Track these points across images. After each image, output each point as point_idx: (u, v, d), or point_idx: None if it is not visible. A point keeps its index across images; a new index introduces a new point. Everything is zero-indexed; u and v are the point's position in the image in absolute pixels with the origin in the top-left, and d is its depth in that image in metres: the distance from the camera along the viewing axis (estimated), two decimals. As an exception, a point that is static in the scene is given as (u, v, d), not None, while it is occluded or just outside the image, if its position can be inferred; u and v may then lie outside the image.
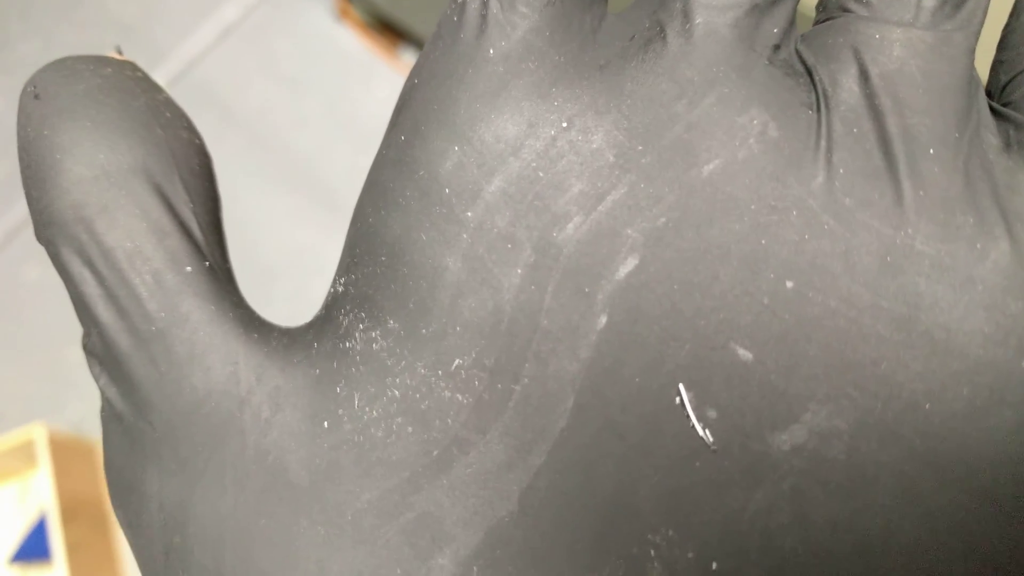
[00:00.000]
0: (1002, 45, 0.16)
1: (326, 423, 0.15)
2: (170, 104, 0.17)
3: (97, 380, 0.16)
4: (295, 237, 1.13)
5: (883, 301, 0.13)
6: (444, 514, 0.14)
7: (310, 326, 0.16)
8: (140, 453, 0.15)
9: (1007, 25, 0.16)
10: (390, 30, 1.22)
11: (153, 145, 0.16)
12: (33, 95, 0.16)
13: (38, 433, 0.99)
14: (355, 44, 1.23)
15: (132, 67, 0.17)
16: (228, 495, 0.14)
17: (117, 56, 0.17)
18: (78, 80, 0.16)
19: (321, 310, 0.16)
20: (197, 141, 0.17)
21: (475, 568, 0.14)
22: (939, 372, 0.13)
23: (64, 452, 1.01)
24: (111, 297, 0.15)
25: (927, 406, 0.13)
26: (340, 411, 0.15)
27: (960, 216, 0.14)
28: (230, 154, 1.18)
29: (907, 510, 0.13)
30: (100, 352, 0.15)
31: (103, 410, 0.16)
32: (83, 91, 0.16)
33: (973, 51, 0.15)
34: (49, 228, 0.15)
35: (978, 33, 0.15)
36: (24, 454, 1.02)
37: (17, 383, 1.12)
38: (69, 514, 0.98)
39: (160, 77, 1.24)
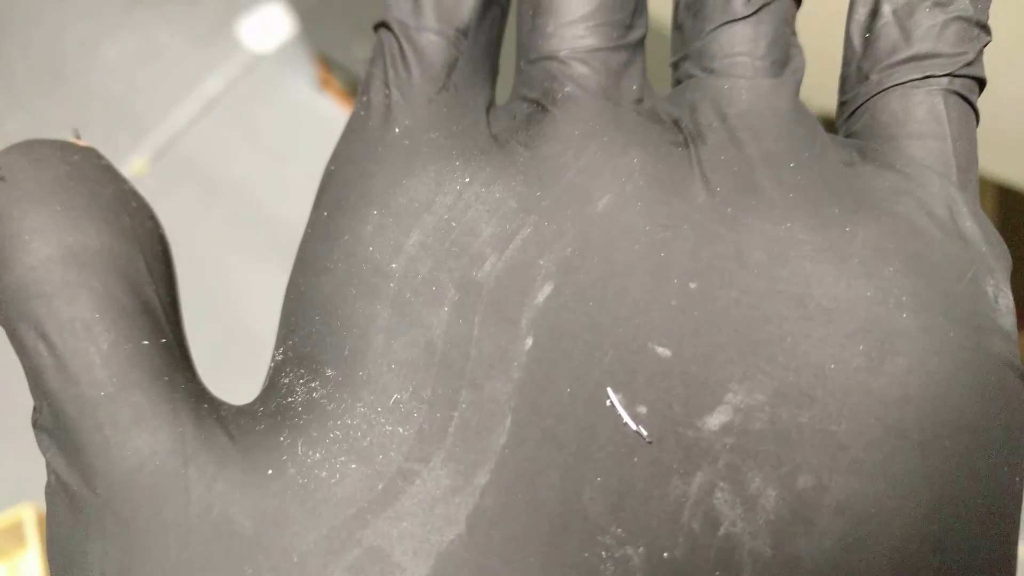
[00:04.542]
0: (841, 90, 0.19)
1: (270, 471, 0.15)
2: (135, 195, 0.18)
3: (45, 454, 0.15)
4: (280, 307, 1.13)
5: (778, 285, 0.15)
6: (392, 546, 0.14)
7: (257, 398, 0.17)
8: (83, 523, 0.15)
9: (841, 74, 0.19)
10: (370, 97, 1.24)
11: (120, 232, 0.16)
12: None
13: (27, 514, 0.97)
14: (336, 113, 1.25)
15: (96, 155, 0.18)
16: (171, 552, 0.14)
17: (78, 142, 0.18)
18: (46, 166, 0.16)
19: (264, 382, 0.17)
20: (160, 231, 0.18)
21: None
22: (836, 336, 0.15)
23: (53, 531, 1.00)
24: (62, 367, 0.15)
25: (831, 366, 0.15)
26: (284, 458, 0.15)
27: (827, 208, 0.16)
28: (215, 225, 1.19)
29: (833, 464, 0.14)
30: (49, 424, 0.15)
31: (48, 485, 0.15)
32: (52, 177, 0.16)
33: (798, 94, 0.17)
34: (9, 306, 0.15)
35: (800, 82, 0.17)
36: (13, 535, 1.00)
37: (5, 463, 1.11)
38: (59, 595, 0.96)
39: (145, 151, 1.25)
